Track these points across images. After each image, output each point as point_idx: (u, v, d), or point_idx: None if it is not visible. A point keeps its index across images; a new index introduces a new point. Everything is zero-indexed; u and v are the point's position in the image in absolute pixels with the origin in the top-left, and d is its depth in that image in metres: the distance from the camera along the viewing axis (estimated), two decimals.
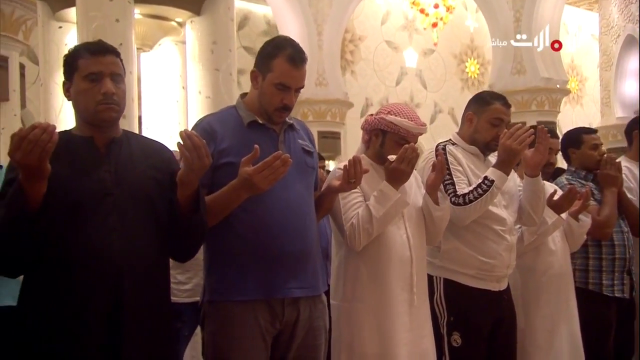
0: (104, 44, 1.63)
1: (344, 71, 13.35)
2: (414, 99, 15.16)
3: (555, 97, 11.04)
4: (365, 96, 14.20)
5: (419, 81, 15.22)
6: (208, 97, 6.76)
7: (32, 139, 1.24)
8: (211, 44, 6.76)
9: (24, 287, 1.56)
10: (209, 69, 6.76)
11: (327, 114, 11.95)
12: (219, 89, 6.80)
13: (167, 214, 1.62)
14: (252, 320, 1.80)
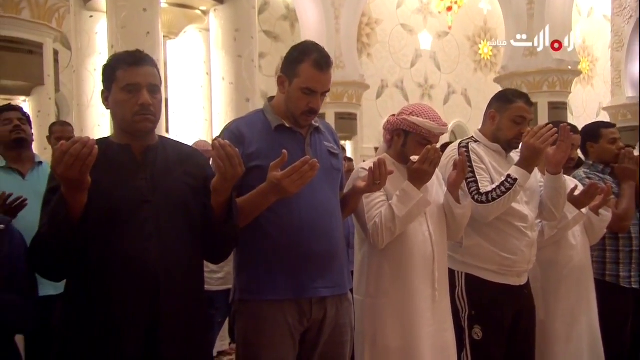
0: (141, 55, 1.56)
1: (361, 54, 13.15)
2: (428, 81, 14.93)
3: (567, 78, 10.74)
4: (380, 78, 14.01)
5: (433, 63, 14.97)
6: (231, 83, 6.69)
7: (74, 154, 1.22)
8: (234, 31, 6.67)
9: (66, 290, 1.53)
10: (232, 56, 6.68)
11: (344, 96, 11.84)
12: (242, 75, 6.74)
13: (202, 219, 1.58)
14: (281, 319, 1.76)
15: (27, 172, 2.48)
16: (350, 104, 12.01)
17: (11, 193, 2.26)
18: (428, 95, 14.97)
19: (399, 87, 14.53)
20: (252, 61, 6.82)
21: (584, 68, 15.27)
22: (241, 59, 6.68)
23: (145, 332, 1.47)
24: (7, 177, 2.43)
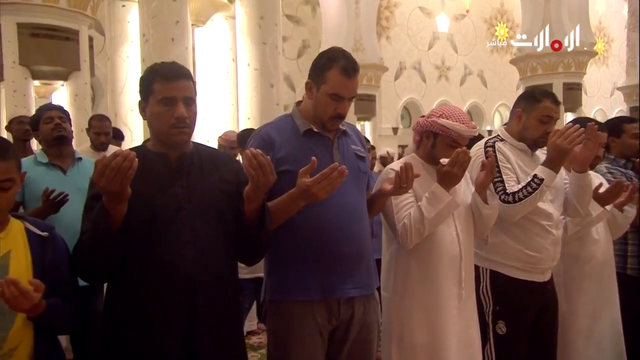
0: (178, 68, 1.52)
1: (380, 37, 12.91)
2: (445, 62, 14.63)
3: (582, 59, 10.40)
4: (399, 60, 13.78)
5: (450, 45, 14.64)
6: (256, 69, 6.62)
7: (115, 167, 1.21)
8: (258, 19, 6.56)
9: (108, 293, 1.52)
10: (257, 43, 6.59)
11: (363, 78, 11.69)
12: (266, 61, 6.65)
13: (235, 224, 1.54)
14: (311, 319, 1.73)
15: (67, 168, 2.47)
16: (369, 85, 11.85)
17: (54, 189, 2.25)
18: (445, 77, 14.71)
19: (417, 68, 14.27)
20: (276, 47, 6.72)
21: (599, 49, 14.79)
22: (266, 45, 6.59)
23: (183, 333, 1.45)
24: (50, 172, 2.42)
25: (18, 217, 1.44)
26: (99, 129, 3.61)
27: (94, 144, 3.61)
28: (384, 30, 13.48)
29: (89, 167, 2.54)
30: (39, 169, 2.41)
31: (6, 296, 1.16)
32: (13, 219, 1.41)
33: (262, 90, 6.62)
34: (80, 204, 2.35)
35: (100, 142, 3.59)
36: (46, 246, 1.38)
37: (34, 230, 1.41)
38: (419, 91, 14.39)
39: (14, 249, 1.35)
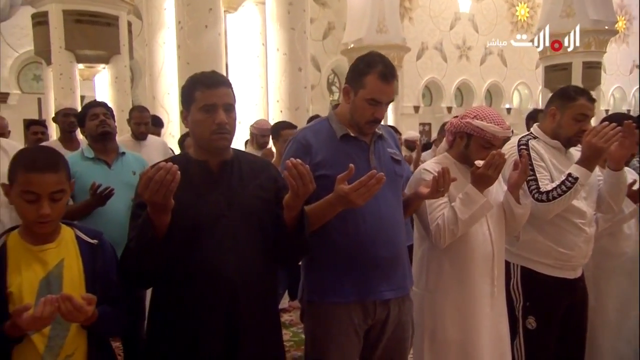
0: (218, 76, 1.48)
1: (402, 18, 12.53)
2: (466, 42, 14.17)
3: (603, 37, 9.92)
4: (421, 40, 13.40)
5: (471, 25, 14.14)
6: (285, 53, 6.52)
7: (158, 180, 1.18)
8: (287, 4, 6.41)
9: (153, 296, 1.49)
10: (286, 28, 6.47)
11: None
12: (294, 46, 6.54)
13: (274, 230, 1.48)
14: (347, 320, 1.68)
15: (112, 162, 2.44)
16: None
17: (101, 184, 2.23)
18: (466, 57, 14.27)
19: (438, 48, 13.86)
20: (304, 33, 6.59)
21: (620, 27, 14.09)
22: (294, 31, 6.48)
23: (225, 333, 1.41)
24: (96, 167, 2.39)
25: (68, 224, 1.40)
26: (139, 120, 3.58)
27: (135, 134, 3.59)
28: (407, 12, 13.06)
29: (132, 161, 2.51)
30: (85, 163, 2.38)
31: (62, 311, 1.14)
32: (64, 226, 1.37)
33: (291, 73, 6.55)
34: (123, 196, 2.36)
35: (141, 132, 3.57)
36: (96, 254, 1.35)
37: (84, 237, 1.37)
38: (440, 71, 14.01)
39: (66, 258, 1.31)
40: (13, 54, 10.52)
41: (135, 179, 2.46)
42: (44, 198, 1.23)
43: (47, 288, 1.26)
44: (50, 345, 1.24)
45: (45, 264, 1.28)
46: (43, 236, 1.30)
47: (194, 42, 5.72)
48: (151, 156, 3.48)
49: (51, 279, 1.28)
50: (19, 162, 1.26)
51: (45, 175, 1.24)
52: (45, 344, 1.23)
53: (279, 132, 2.88)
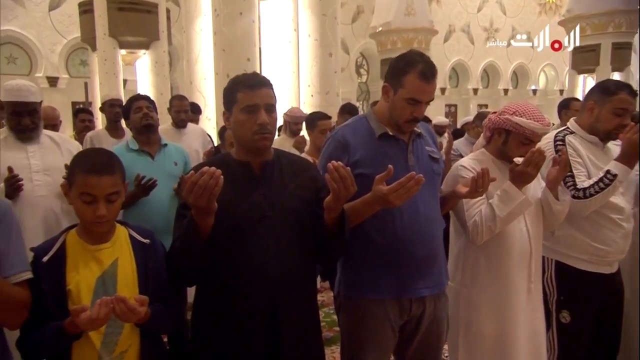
0: (259, 77, 1.43)
1: (430, 1, 12.09)
2: (494, 24, 13.61)
3: (634, 18, 9.31)
4: (448, 23, 12.95)
5: (498, 7, 13.56)
6: (316, 39, 6.42)
7: (202, 185, 1.14)
8: None
9: (196, 297, 1.47)
10: (317, 14, 6.34)
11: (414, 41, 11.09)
12: (325, 32, 6.43)
13: (313, 230, 1.43)
14: (383, 315, 1.63)
15: (155, 154, 2.42)
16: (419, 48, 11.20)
17: (145, 175, 2.22)
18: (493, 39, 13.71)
19: (465, 31, 13.38)
20: (335, 19, 6.44)
21: None
22: (325, 17, 6.35)
23: (267, 335, 1.38)
24: (140, 158, 2.38)
25: (122, 223, 1.38)
26: (179, 107, 3.57)
27: (175, 122, 3.57)
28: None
29: (173, 152, 2.50)
30: (130, 155, 2.37)
31: (116, 312, 1.13)
32: (118, 226, 1.36)
33: (322, 59, 6.46)
34: (166, 186, 2.36)
35: (181, 120, 3.55)
36: (148, 253, 1.33)
37: (137, 237, 1.36)
38: (467, 53, 13.55)
39: (120, 257, 1.30)
40: (62, 40, 10.68)
41: (176, 169, 2.45)
42: (100, 200, 1.23)
43: (102, 287, 1.25)
44: (106, 341, 1.23)
45: (101, 263, 1.28)
46: (99, 235, 1.29)
47: (229, 29, 5.65)
48: (191, 144, 3.48)
49: (106, 277, 1.27)
50: (78, 164, 1.26)
51: (102, 178, 1.23)
52: (101, 340, 1.23)
53: (315, 122, 2.80)
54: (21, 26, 10.38)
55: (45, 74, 10.84)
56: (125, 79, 8.95)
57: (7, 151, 2.04)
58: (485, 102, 14.65)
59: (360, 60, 13.18)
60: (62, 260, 1.25)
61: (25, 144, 2.07)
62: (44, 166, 2.06)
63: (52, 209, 2.04)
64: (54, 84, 11.00)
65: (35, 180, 2.03)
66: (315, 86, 6.51)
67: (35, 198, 2.01)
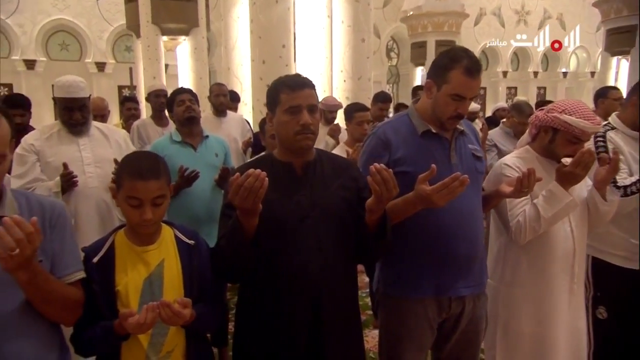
0: (302, 78, 1.36)
1: None
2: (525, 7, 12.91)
3: None
4: (479, 6, 12.34)
5: None
6: (349, 25, 6.24)
7: (247, 187, 1.11)
8: None
9: (240, 297, 1.43)
10: (350, 1, 6.12)
11: (444, 25, 10.66)
12: (358, 18, 6.23)
13: (355, 229, 1.36)
14: (422, 313, 1.55)
15: (197, 145, 2.38)
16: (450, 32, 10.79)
17: (188, 167, 2.18)
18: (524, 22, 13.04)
19: (496, 14, 12.74)
20: (368, 5, 6.23)
21: None
22: (358, 3, 6.15)
23: (309, 334, 1.33)
24: (183, 150, 2.35)
25: (168, 224, 1.34)
26: (218, 92, 3.52)
27: (215, 106, 3.52)
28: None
29: (214, 144, 2.45)
30: (174, 147, 2.34)
31: (162, 316, 1.11)
32: (164, 226, 1.32)
33: (354, 44, 6.28)
34: (207, 176, 2.32)
35: (220, 103, 3.49)
36: (193, 253, 1.29)
37: (182, 238, 1.32)
38: (497, 36, 12.94)
39: (166, 258, 1.27)
40: (109, 27, 10.78)
41: (217, 160, 2.41)
42: (146, 203, 1.19)
43: (149, 288, 1.23)
44: (153, 342, 1.21)
45: (147, 264, 1.24)
46: (146, 237, 1.26)
47: (265, 16, 5.53)
48: (230, 132, 3.45)
49: (153, 279, 1.24)
50: (125, 169, 1.22)
51: (148, 183, 1.19)
52: (149, 341, 1.21)
53: (352, 114, 2.69)
54: (73, 15, 10.52)
55: (93, 59, 11.00)
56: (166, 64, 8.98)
57: (60, 144, 2.04)
58: (515, 85, 14.06)
59: (390, 43, 12.80)
60: (111, 261, 1.22)
61: (77, 137, 2.06)
62: (94, 158, 2.05)
63: (103, 200, 2.04)
64: (101, 69, 11.17)
65: (87, 173, 2.02)
66: (348, 71, 6.35)
67: (88, 189, 2.01)
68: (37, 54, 10.62)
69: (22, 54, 10.43)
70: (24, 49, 10.42)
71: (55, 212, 1.14)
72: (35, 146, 2.02)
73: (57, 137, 2.05)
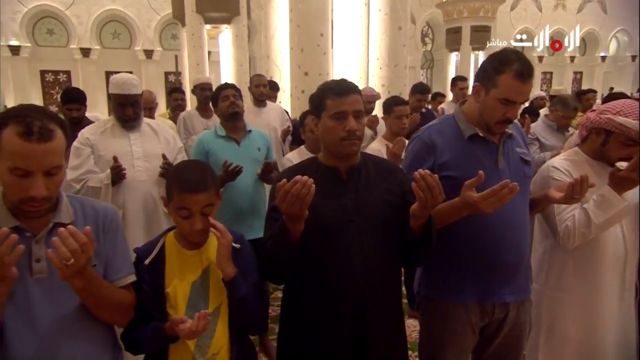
0: (348, 83, 1.27)
1: None
2: None
3: None
4: None
5: None
6: (386, 13, 6.01)
7: (295, 194, 1.06)
8: None
9: (283, 300, 1.38)
10: None
11: (480, 10, 10.15)
12: (395, 6, 6.00)
13: (400, 233, 1.28)
14: (465, 319, 1.46)
15: (241, 140, 2.33)
16: (486, 17, 10.27)
17: (232, 162, 2.14)
18: (562, 5, 12.20)
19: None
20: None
21: None
22: None
23: (353, 338, 1.27)
24: (227, 144, 2.31)
25: None
26: (258, 82, 3.45)
27: (255, 96, 3.46)
28: None
29: (257, 138, 2.39)
30: (218, 141, 2.30)
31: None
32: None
33: (391, 32, 6.06)
34: (250, 170, 2.27)
35: (260, 93, 3.44)
36: (238, 257, 1.24)
37: None
38: (534, 20, 12.20)
39: (213, 262, 1.23)
40: (156, 17, 10.87)
41: (260, 154, 2.35)
42: (196, 214, 1.16)
43: (196, 291, 1.19)
44: (199, 344, 1.18)
45: (195, 268, 1.21)
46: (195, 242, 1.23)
47: (304, 5, 5.39)
48: (270, 121, 3.39)
49: (200, 282, 1.20)
50: (174, 181, 1.19)
51: (197, 196, 1.16)
52: (195, 343, 1.18)
53: (391, 107, 2.56)
54: (123, 5, 10.66)
55: (142, 47, 11.16)
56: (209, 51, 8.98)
57: (113, 138, 2.04)
58: (550, 70, 13.30)
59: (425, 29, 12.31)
60: (162, 264, 1.20)
61: (128, 132, 2.05)
62: (144, 153, 2.03)
63: (150, 194, 2.02)
64: (149, 56, 11.32)
65: (136, 167, 2.01)
66: (384, 59, 6.15)
67: (136, 183, 2.00)
68: (91, 42, 10.86)
69: (79, 43, 10.70)
70: (80, 38, 10.68)
71: (108, 217, 1.11)
72: (90, 140, 2.02)
73: (110, 132, 2.05)
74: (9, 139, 0.91)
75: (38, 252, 0.99)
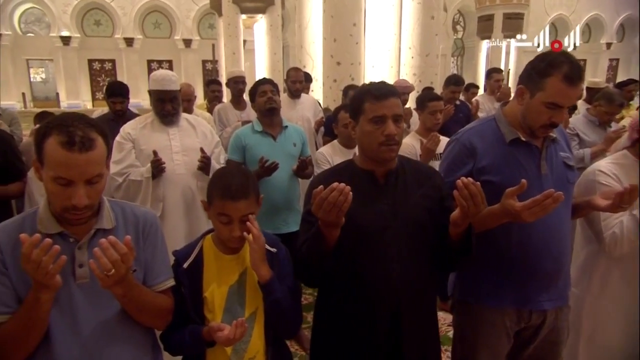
0: (387, 87, 1.18)
1: None
2: None
3: None
4: None
5: None
6: (419, 2, 5.78)
7: (332, 201, 0.99)
8: None
9: (317, 305, 1.32)
10: None
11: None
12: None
13: (437, 239, 1.19)
14: (500, 322, 1.36)
15: (277, 135, 2.27)
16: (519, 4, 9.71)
17: (268, 158, 2.08)
18: None
19: None
20: None
21: None
22: None
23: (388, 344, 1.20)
24: (263, 139, 2.25)
25: None
26: (295, 77, 3.37)
27: (291, 91, 3.38)
28: None
29: (293, 134, 2.32)
30: (255, 136, 2.24)
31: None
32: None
33: (423, 21, 5.79)
34: (286, 165, 2.19)
35: (296, 89, 3.37)
36: (274, 261, 1.19)
37: (265, 246, 1.21)
38: (569, 7, 11.44)
39: (249, 266, 1.17)
40: (194, 7, 10.87)
41: (295, 150, 2.28)
42: (235, 221, 1.12)
43: (233, 296, 1.15)
44: (236, 349, 1.14)
45: (233, 272, 1.17)
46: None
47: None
48: (304, 113, 3.31)
49: (237, 287, 1.16)
50: (215, 188, 1.14)
51: (237, 203, 1.11)
52: (232, 347, 1.14)
53: (425, 103, 2.42)
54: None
55: (181, 36, 11.22)
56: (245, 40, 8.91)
57: (153, 133, 2.02)
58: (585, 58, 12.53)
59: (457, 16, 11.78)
60: (200, 267, 1.16)
61: (168, 127, 2.02)
62: (182, 147, 2.00)
63: (189, 186, 2.00)
64: (188, 45, 11.38)
65: (175, 160, 1.98)
66: (416, 48, 5.91)
67: (175, 176, 1.97)
68: (134, 32, 11.00)
69: (123, 33, 10.86)
70: (124, 28, 10.83)
71: (147, 222, 1.07)
72: (131, 135, 2.00)
73: (150, 127, 2.02)
74: (52, 149, 0.88)
75: (81, 258, 0.96)
